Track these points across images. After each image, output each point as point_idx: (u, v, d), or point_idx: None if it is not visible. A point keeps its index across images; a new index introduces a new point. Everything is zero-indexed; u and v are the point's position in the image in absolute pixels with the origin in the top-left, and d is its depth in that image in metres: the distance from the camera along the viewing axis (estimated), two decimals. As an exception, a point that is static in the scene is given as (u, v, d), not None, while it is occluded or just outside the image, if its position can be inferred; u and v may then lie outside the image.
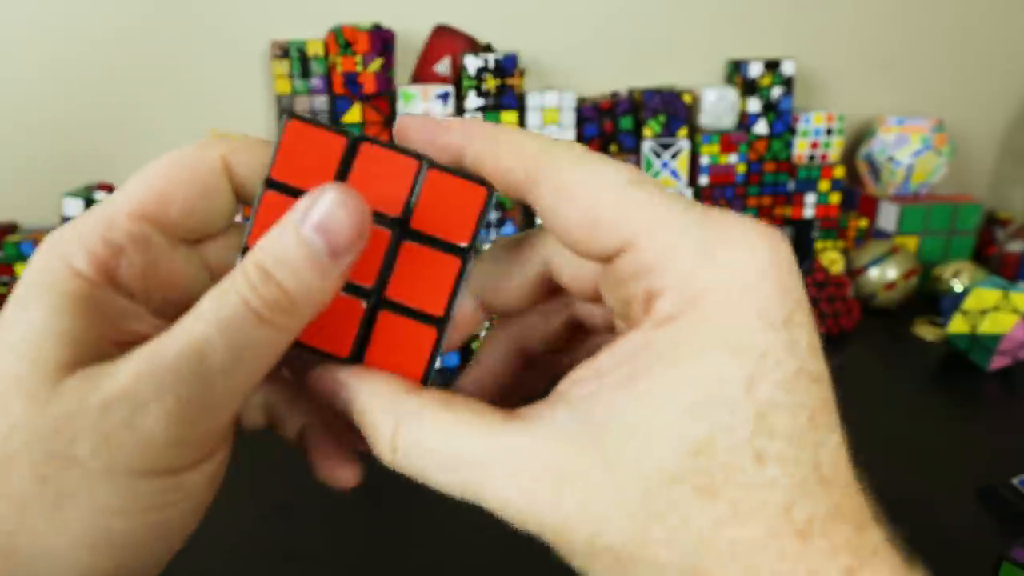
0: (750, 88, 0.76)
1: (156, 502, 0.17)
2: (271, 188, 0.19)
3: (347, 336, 0.20)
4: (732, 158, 0.75)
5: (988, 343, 0.59)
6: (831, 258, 0.76)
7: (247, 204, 0.21)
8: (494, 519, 0.17)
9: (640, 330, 0.17)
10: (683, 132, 0.74)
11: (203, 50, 0.73)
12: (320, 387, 0.20)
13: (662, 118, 0.73)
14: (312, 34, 0.73)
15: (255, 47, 0.74)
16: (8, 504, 0.16)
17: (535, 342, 0.23)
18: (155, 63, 0.72)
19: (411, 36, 0.75)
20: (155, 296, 0.19)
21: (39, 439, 0.16)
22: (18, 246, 0.64)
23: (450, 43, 0.71)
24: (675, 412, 0.16)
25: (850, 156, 0.87)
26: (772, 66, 0.76)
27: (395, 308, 0.20)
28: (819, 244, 0.80)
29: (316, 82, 0.69)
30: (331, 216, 0.17)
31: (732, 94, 0.75)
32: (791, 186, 0.78)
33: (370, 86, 0.69)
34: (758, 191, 0.78)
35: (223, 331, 0.17)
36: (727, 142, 0.75)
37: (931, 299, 0.75)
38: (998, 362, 0.60)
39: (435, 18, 0.73)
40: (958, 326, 0.61)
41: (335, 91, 0.69)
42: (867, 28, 0.85)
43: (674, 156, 0.75)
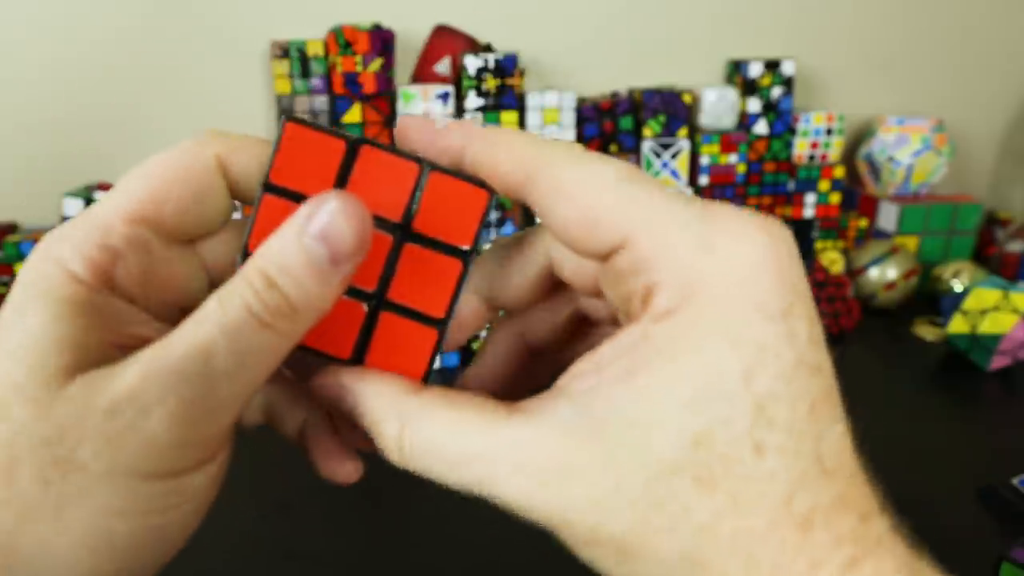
0: (750, 88, 0.76)
1: (158, 504, 0.17)
2: (270, 192, 0.19)
3: (348, 338, 0.20)
4: (732, 158, 0.75)
5: (988, 343, 0.59)
6: (831, 258, 0.76)
7: (243, 202, 0.21)
8: (493, 519, 0.17)
9: (639, 324, 0.17)
10: (683, 132, 0.74)
11: (203, 50, 0.73)
12: (323, 393, 0.21)
13: (662, 118, 0.73)
14: (312, 34, 0.73)
15: (255, 47, 0.74)
16: (11, 508, 0.16)
17: (539, 336, 0.23)
18: (155, 63, 0.72)
19: (411, 36, 0.75)
20: (153, 298, 0.19)
21: (43, 443, 0.16)
22: (18, 246, 0.64)
23: (450, 43, 0.71)
24: (673, 406, 0.16)
25: (850, 156, 0.87)
26: (772, 66, 0.76)
27: (397, 309, 0.20)
28: (819, 244, 0.80)
29: (316, 82, 0.69)
30: (333, 225, 0.17)
31: (732, 94, 0.75)
32: (791, 186, 0.78)
33: (370, 86, 0.69)
34: (758, 191, 0.78)
35: (227, 335, 0.17)
36: (727, 142, 0.75)
37: (931, 299, 0.75)
38: (998, 362, 0.60)
39: (435, 18, 0.73)
40: (958, 326, 0.61)
41: (335, 91, 0.69)
42: (867, 28, 0.85)
43: (674, 156, 0.75)
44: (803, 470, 0.16)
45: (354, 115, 0.70)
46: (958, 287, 0.72)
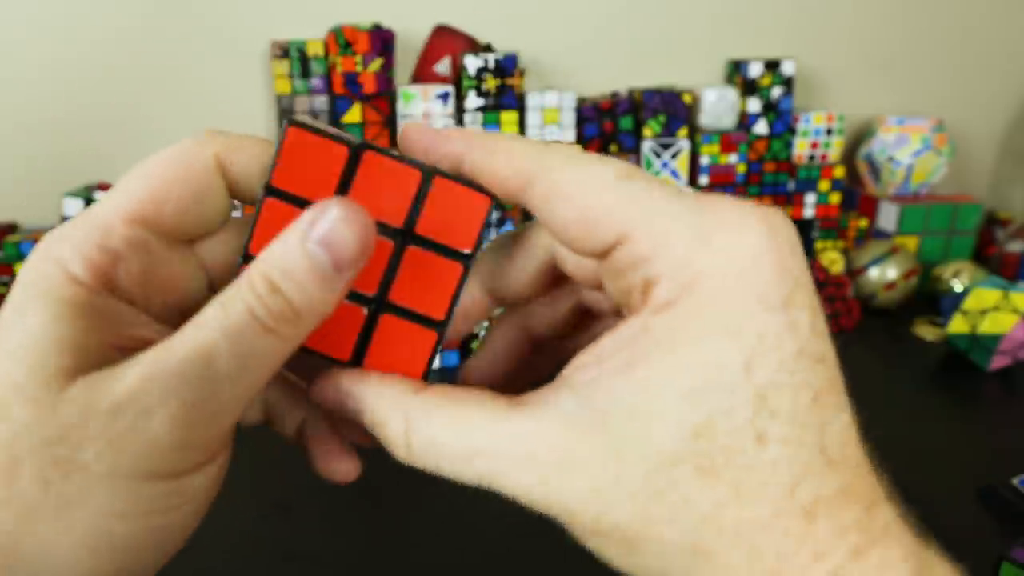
0: (750, 88, 0.76)
1: (159, 505, 0.18)
2: (272, 195, 0.19)
3: (348, 340, 0.20)
4: (732, 158, 0.75)
5: (988, 343, 0.59)
6: (831, 258, 0.76)
7: (242, 202, 0.21)
8: (493, 518, 0.17)
9: (639, 317, 0.17)
10: (683, 132, 0.74)
11: (203, 50, 0.73)
12: (324, 399, 0.21)
13: (662, 118, 0.73)
14: (312, 34, 0.73)
15: (255, 47, 0.74)
16: (11, 508, 0.16)
17: (542, 328, 0.24)
18: (155, 63, 0.72)
19: (411, 36, 0.75)
20: (153, 299, 0.20)
21: (44, 444, 0.16)
22: (18, 246, 0.64)
23: (450, 43, 0.71)
24: (673, 397, 0.16)
25: (850, 156, 0.87)
26: (772, 66, 0.76)
27: (397, 311, 0.20)
28: (819, 244, 0.80)
29: (316, 82, 0.69)
30: (335, 231, 0.17)
31: (732, 94, 0.75)
32: (791, 186, 0.78)
33: (370, 86, 0.69)
34: (758, 191, 0.78)
35: (229, 338, 0.17)
36: (727, 142, 0.75)
37: (931, 299, 0.75)
38: (998, 362, 0.60)
39: (435, 18, 0.73)
40: (958, 326, 0.61)
41: (335, 91, 0.69)
42: (867, 28, 0.85)
43: (674, 156, 0.75)
44: (806, 460, 0.16)
45: (354, 115, 0.70)
46: (958, 287, 0.72)
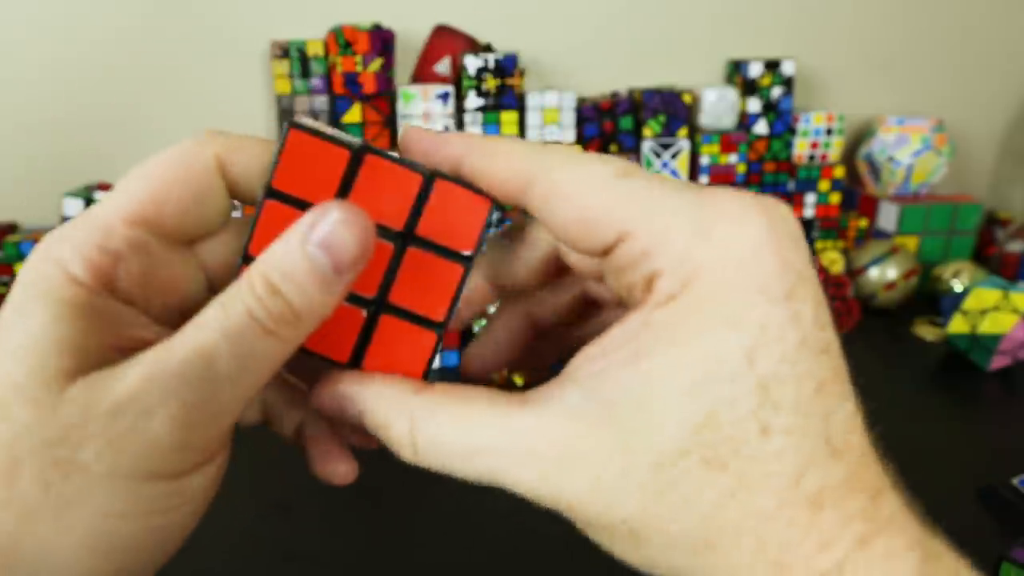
0: (750, 88, 0.76)
1: (158, 506, 0.18)
2: (272, 197, 0.19)
3: (347, 342, 0.20)
4: (732, 158, 0.75)
5: (988, 343, 0.59)
6: (831, 258, 0.76)
7: (243, 202, 0.21)
8: (493, 519, 0.17)
9: (642, 311, 0.17)
10: (683, 132, 0.74)
11: (203, 50, 0.73)
12: (324, 405, 0.21)
13: (662, 118, 0.73)
14: (312, 34, 0.73)
15: (255, 47, 0.74)
16: (11, 509, 0.16)
17: (546, 316, 0.24)
18: (155, 63, 0.72)
19: (411, 36, 0.75)
20: (153, 300, 0.20)
21: (45, 445, 0.16)
22: (18, 246, 0.64)
23: (450, 43, 0.71)
24: (676, 391, 0.16)
25: (850, 156, 0.87)
26: (772, 66, 0.76)
27: (397, 312, 0.20)
28: (819, 244, 0.80)
29: (316, 82, 0.69)
30: (335, 234, 0.17)
31: (732, 94, 0.75)
32: (791, 186, 0.78)
33: (370, 86, 0.69)
34: (758, 191, 0.78)
35: (229, 340, 0.17)
36: (727, 142, 0.75)
37: (931, 299, 0.74)
38: (998, 362, 0.60)
39: (435, 18, 0.73)
40: (958, 326, 0.61)
41: (335, 91, 0.69)
42: (867, 28, 0.85)
43: (674, 156, 0.75)
44: (811, 450, 0.16)
45: (354, 115, 0.70)
46: (958, 287, 0.72)
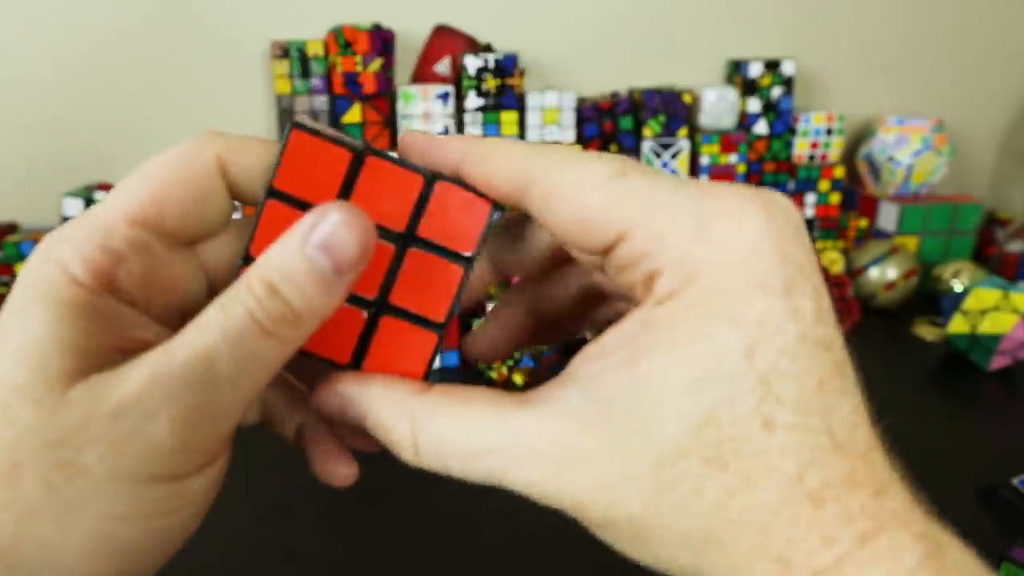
0: (750, 88, 0.76)
1: (159, 508, 0.18)
2: (273, 197, 0.19)
3: (348, 343, 0.20)
4: (732, 158, 0.75)
5: (988, 343, 0.59)
6: (831, 258, 0.76)
7: (243, 203, 0.21)
8: (492, 520, 0.17)
9: (642, 310, 0.17)
10: (683, 132, 0.74)
11: (203, 50, 0.73)
12: (325, 406, 0.21)
13: (662, 118, 0.73)
14: (312, 34, 0.73)
15: (255, 47, 0.74)
16: (13, 510, 0.16)
17: (551, 306, 0.24)
18: (155, 63, 0.72)
19: (411, 36, 0.75)
20: (155, 301, 0.19)
21: (47, 446, 0.16)
22: (18, 246, 0.64)
23: (450, 43, 0.71)
24: (676, 389, 0.16)
25: (850, 156, 0.87)
26: (772, 66, 0.76)
27: (398, 313, 0.20)
28: (819, 244, 0.80)
29: (316, 82, 0.69)
30: (336, 235, 0.17)
31: (732, 94, 0.75)
32: (791, 186, 0.78)
33: (370, 86, 0.69)
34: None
35: (229, 342, 0.17)
36: (727, 142, 0.75)
37: (931, 299, 0.75)
38: (998, 362, 0.60)
39: (435, 18, 0.73)
40: (958, 326, 0.61)
41: (335, 91, 0.69)
42: (867, 28, 0.85)
43: (674, 156, 0.75)
44: (814, 446, 0.16)
45: (354, 115, 0.70)
46: (958, 287, 0.72)
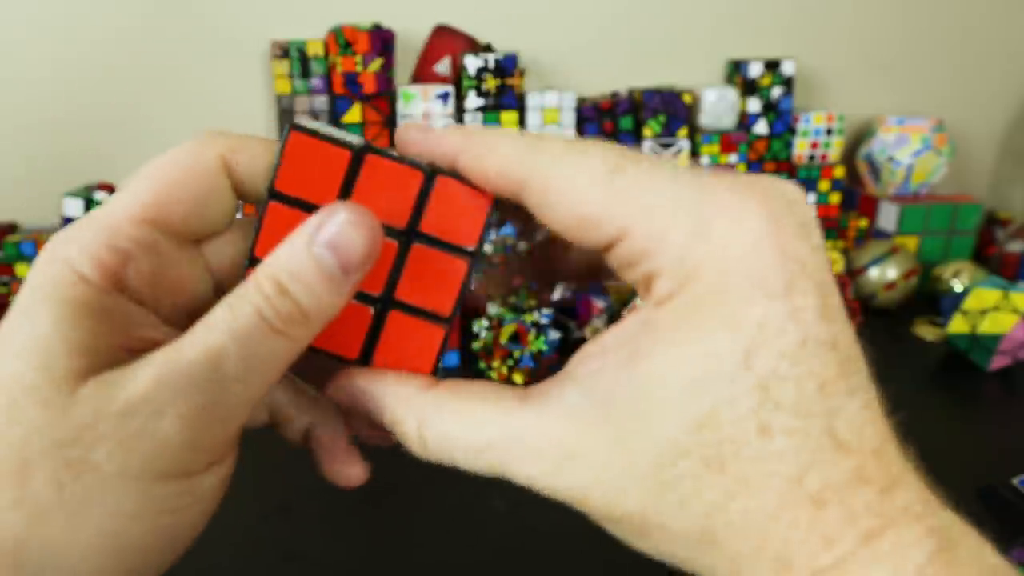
0: (750, 88, 0.76)
1: (169, 506, 0.18)
2: (275, 199, 0.19)
3: (356, 340, 0.21)
4: (732, 158, 0.75)
5: (988, 343, 0.59)
6: (831, 258, 0.76)
7: (247, 202, 0.21)
8: (494, 519, 0.17)
9: (642, 309, 0.17)
10: (683, 132, 0.74)
11: (203, 50, 0.73)
12: (339, 397, 0.21)
13: (662, 118, 0.73)
14: (312, 34, 0.73)
15: (255, 47, 0.73)
16: (23, 509, 0.16)
17: (571, 267, 0.24)
18: (155, 63, 0.72)
19: (411, 36, 0.75)
20: (163, 301, 0.20)
21: (56, 445, 0.16)
22: (18, 246, 0.64)
23: (450, 43, 0.71)
24: (674, 390, 0.16)
25: (850, 156, 0.87)
26: (772, 66, 0.76)
27: (404, 308, 0.21)
28: (819, 244, 0.80)
29: (316, 82, 0.69)
30: (343, 235, 0.17)
31: (732, 94, 0.75)
32: (791, 186, 0.78)
33: (370, 86, 0.69)
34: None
35: (237, 341, 0.17)
36: (727, 142, 0.75)
37: (931, 299, 0.74)
38: (998, 362, 0.60)
39: (435, 18, 0.73)
40: (958, 326, 0.61)
41: (335, 91, 0.69)
42: (867, 28, 0.85)
43: (674, 156, 0.75)
44: (814, 449, 0.15)
45: (354, 115, 0.70)
46: (958, 287, 0.72)
